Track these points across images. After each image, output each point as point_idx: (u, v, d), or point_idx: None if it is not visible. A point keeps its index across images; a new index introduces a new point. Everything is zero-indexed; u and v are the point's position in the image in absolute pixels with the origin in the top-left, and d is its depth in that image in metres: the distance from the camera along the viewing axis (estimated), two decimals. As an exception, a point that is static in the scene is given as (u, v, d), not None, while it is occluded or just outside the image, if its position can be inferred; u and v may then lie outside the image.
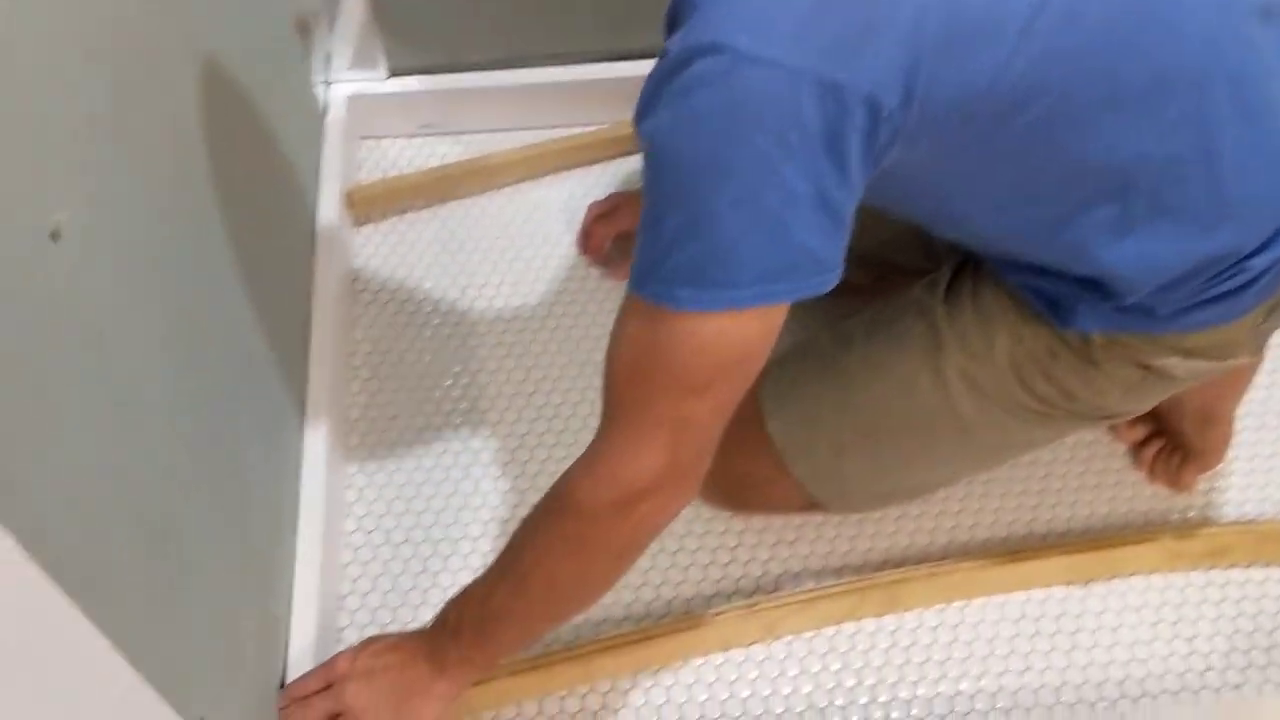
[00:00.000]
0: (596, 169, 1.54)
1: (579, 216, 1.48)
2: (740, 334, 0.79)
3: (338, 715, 1.01)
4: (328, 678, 1.02)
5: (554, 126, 1.57)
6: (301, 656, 1.09)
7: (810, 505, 1.18)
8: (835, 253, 0.79)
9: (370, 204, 1.48)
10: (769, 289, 0.77)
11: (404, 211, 1.50)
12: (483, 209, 1.51)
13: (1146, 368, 0.99)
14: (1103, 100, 0.80)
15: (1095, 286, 0.94)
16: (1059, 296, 0.98)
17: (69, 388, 0.69)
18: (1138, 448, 1.29)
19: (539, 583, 0.92)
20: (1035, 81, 0.77)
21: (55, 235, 0.67)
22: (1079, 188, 0.86)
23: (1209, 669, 1.17)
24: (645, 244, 0.79)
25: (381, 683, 1.00)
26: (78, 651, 0.65)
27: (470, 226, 1.49)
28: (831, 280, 0.79)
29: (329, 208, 1.41)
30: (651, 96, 0.75)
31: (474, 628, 0.97)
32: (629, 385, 0.83)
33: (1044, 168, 0.83)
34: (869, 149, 0.75)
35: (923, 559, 1.23)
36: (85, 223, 0.72)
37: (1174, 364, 0.98)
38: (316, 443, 1.22)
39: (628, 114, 1.53)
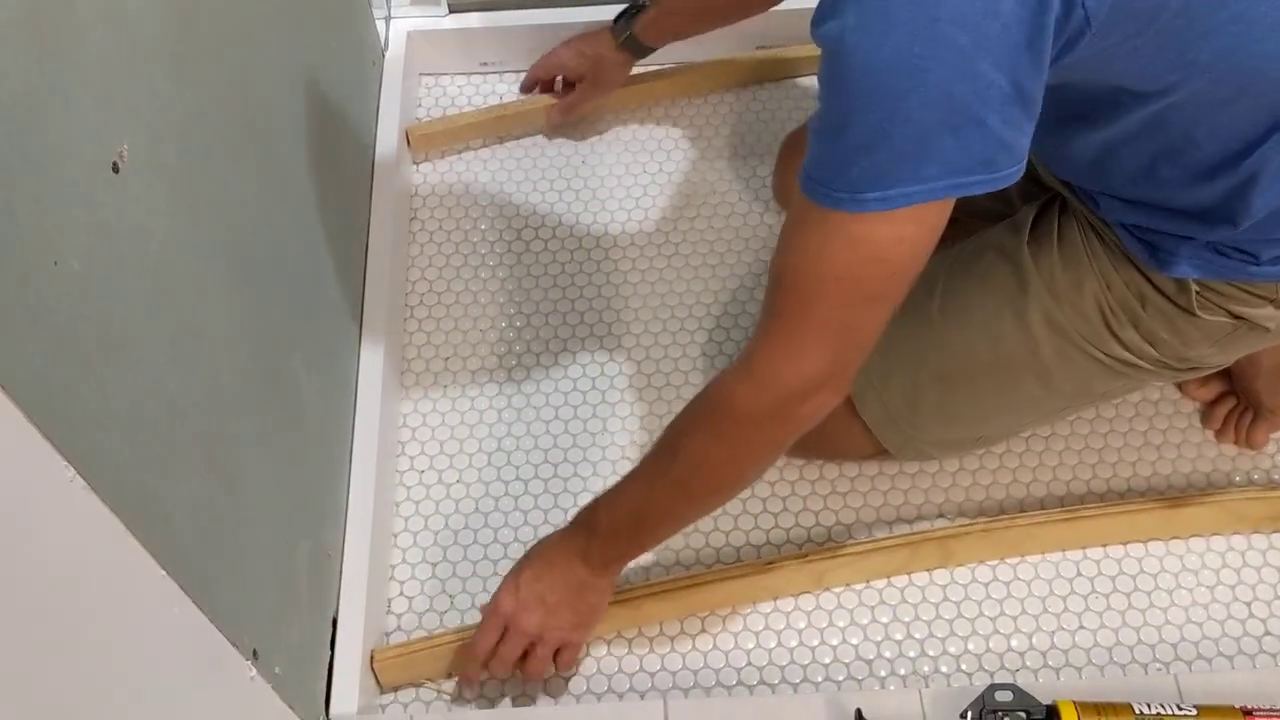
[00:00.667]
0: (658, 110, 1.52)
1: (636, 157, 1.47)
2: (915, 235, 0.78)
3: (530, 646, 1.05)
4: (501, 623, 1.04)
5: (614, 66, 1.55)
6: (354, 592, 1.10)
7: (877, 452, 1.17)
8: (1026, 142, 0.77)
9: (429, 142, 1.48)
10: (960, 181, 0.75)
11: (462, 151, 1.50)
12: (541, 149, 1.50)
13: (1239, 318, 0.97)
14: None
15: (1204, 218, 0.91)
16: (1159, 238, 0.95)
17: (128, 318, 0.70)
18: (1209, 407, 1.27)
19: (700, 482, 0.95)
20: None
21: (116, 167, 0.67)
22: (1264, 96, 0.81)
23: (1267, 634, 1.15)
24: (827, 150, 0.77)
25: (553, 601, 1.03)
26: (133, 579, 0.65)
27: (528, 166, 1.48)
28: (1021, 170, 0.77)
29: (388, 144, 1.41)
30: None
31: (631, 528, 1.00)
32: (796, 292, 0.83)
33: (1232, 69, 0.79)
34: (1059, 36, 0.73)
35: (979, 514, 1.21)
36: (146, 154, 0.72)
37: (1267, 314, 0.97)
38: (372, 380, 1.23)
39: (685, 53, 1.52)
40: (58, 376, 0.60)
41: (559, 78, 1.46)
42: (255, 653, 0.85)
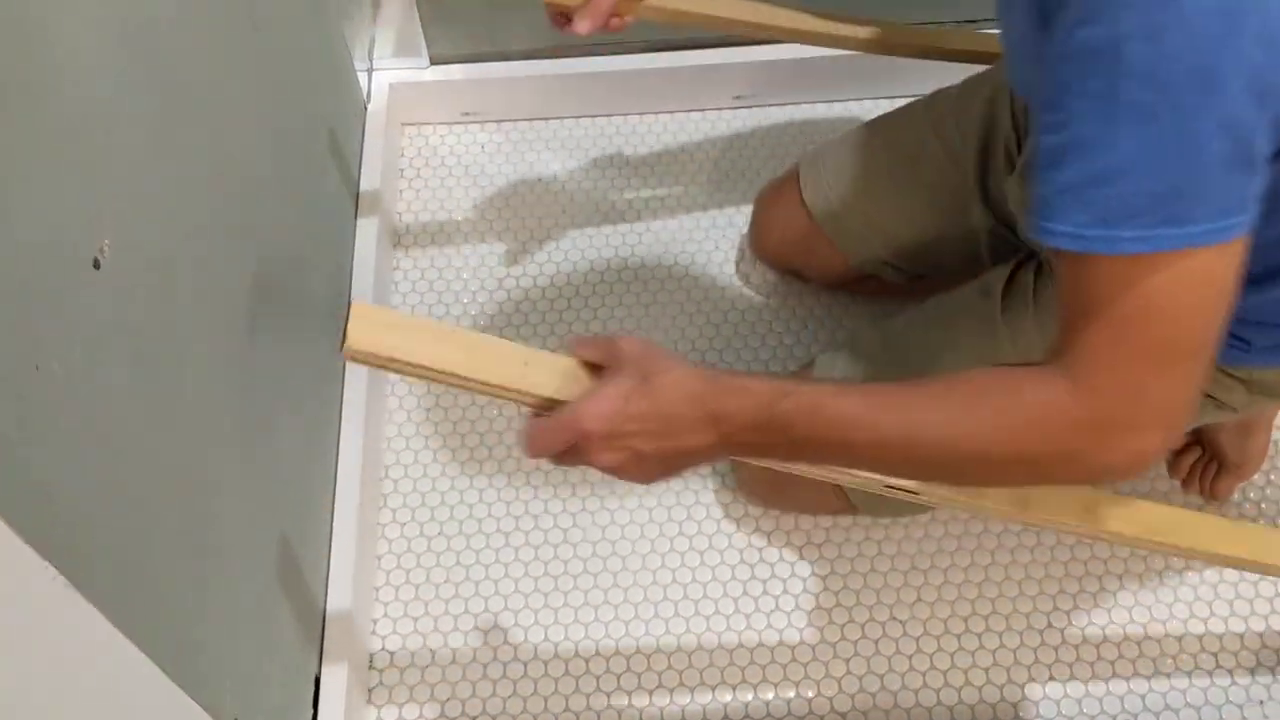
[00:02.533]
0: (635, 158, 1.54)
1: (596, 209, 1.49)
2: (1225, 268, 0.67)
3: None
4: (573, 438, 0.77)
5: (594, 115, 1.58)
6: (336, 651, 1.11)
7: (843, 507, 1.19)
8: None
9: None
10: (1223, 225, 0.66)
11: (445, 179, 1.51)
12: (521, 197, 1.52)
13: (1209, 396, 0.97)
14: None
15: None
16: None
17: (109, 405, 0.70)
18: (1175, 455, 1.28)
19: (954, 459, 0.76)
20: None
21: (98, 263, 0.68)
22: None
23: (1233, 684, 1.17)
24: (1091, 182, 0.66)
25: (647, 452, 0.78)
26: (107, 657, 0.66)
27: (509, 214, 1.50)
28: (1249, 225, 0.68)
29: (371, 194, 1.42)
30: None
31: (816, 435, 0.77)
32: (1115, 351, 0.69)
33: None
34: None
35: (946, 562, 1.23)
36: (127, 247, 0.73)
37: (1238, 397, 0.97)
38: (353, 432, 1.24)
39: (669, 103, 1.45)
40: (40, 477, 0.61)
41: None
42: (236, 719, 0.86)
